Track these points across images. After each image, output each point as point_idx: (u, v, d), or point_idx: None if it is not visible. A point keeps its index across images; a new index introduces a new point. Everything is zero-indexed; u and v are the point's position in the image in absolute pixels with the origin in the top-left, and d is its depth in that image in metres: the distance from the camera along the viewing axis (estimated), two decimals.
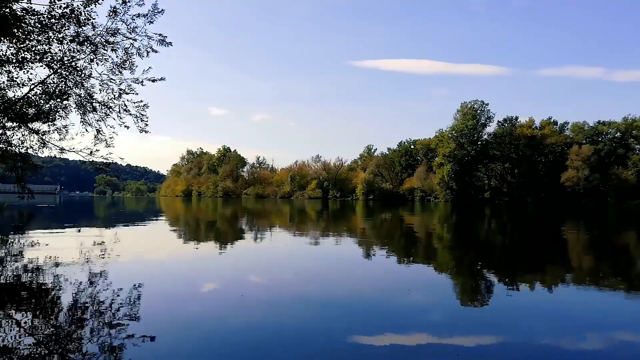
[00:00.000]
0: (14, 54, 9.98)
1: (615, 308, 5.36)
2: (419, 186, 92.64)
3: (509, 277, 7.35)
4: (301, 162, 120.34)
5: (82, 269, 7.03)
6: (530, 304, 5.50)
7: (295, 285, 6.54)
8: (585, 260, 9.68)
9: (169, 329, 4.23)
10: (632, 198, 74.41)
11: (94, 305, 4.87)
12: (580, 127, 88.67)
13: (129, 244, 11.18)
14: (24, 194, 12.23)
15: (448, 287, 6.58)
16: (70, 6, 9.84)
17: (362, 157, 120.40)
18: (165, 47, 11.04)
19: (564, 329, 4.47)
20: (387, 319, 4.66)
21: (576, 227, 19.90)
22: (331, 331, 4.25)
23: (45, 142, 11.48)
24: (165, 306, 5.04)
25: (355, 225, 20.05)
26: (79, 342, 3.75)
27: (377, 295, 5.83)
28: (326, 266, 8.32)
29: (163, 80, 11.34)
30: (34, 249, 9.36)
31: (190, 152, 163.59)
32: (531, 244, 13.04)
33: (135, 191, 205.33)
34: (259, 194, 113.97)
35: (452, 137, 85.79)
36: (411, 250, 10.92)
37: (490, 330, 4.38)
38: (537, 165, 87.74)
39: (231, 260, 9.00)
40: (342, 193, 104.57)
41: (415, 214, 31.61)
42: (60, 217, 24.70)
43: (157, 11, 10.53)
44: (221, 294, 5.82)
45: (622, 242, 13.88)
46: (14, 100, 10.66)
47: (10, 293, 5.43)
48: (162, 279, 6.69)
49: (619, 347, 4.01)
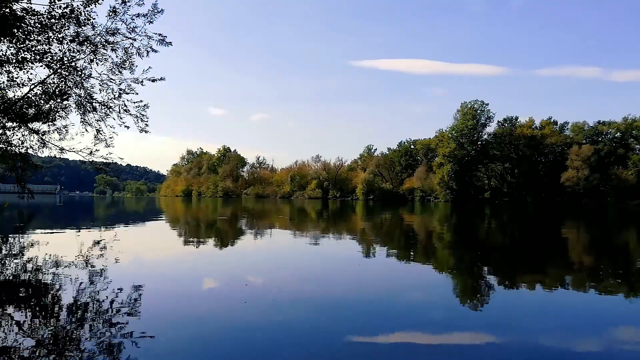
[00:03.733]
0: (14, 54, 9.99)
1: (615, 308, 5.36)
2: (419, 186, 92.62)
3: (508, 276, 7.36)
4: (301, 162, 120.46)
5: (82, 268, 7.03)
6: (530, 303, 5.51)
7: (295, 284, 6.54)
8: (584, 260, 9.68)
9: (169, 328, 4.24)
10: (632, 198, 74.37)
11: (94, 305, 4.88)
12: (580, 127, 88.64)
13: (128, 244, 11.18)
14: (24, 194, 12.24)
15: (448, 287, 6.58)
16: (70, 6, 9.86)
17: (362, 157, 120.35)
18: (165, 46, 11.07)
19: (564, 328, 4.47)
20: (387, 318, 4.66)
21: (576, 227, 19.91)
22: (331, 331, 4.25)
23: (45, 142, 11.49)
24: (165, 306, 5.05)
25: (355, 225, 20.06)
26: (79, 341, 3.75)
27: (377, 294, 5.83)
28: (326, 266, 8.33)
29: (163, 80, 11.36)
30: (34, 249, 9.36)
31: (190, 152, 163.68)
32: (531, 243, 13.04)
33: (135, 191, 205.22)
34: (259, 194, 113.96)
35: (452, 137, 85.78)
36: (411, 249, 10.92)
37: (490, 330, 4.38)
38: (537, 165, 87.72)
39: (231, 260, 9.01)
40: (342, 193, 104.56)
41: (415, 214, 31.61)
42: (60, 217, 24.71)
43: (157, 11, 10.55)
44: (221, 294, 5.82)
45: (621, 242, 13.89)
46: (14, 100, 10.66)
47: (10, 292, 5.43)
48: (161, 279, 6.69)
49: (619, 347, 4.01)
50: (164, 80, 11.39)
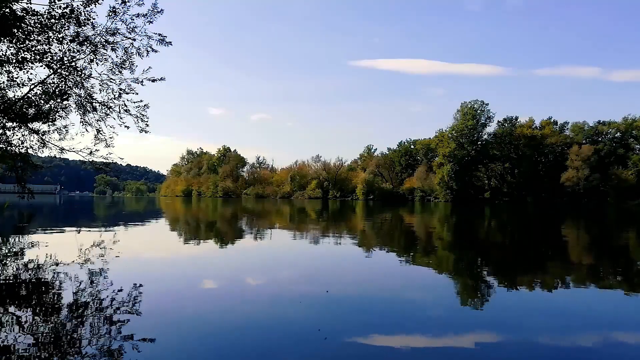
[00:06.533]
0: (14, 54, 9.99)
1: (615, 308, 5.36)
2: (419, 186, 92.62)
3: (508, 276, 7.36)
4: (301, 162, 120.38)
5: (82, 268, 7.03)
6: (530, 303, 5.51)
7: (295, 284, 6.54)
8: (585, 259, 9.68)
9: (169, 328, 4.23)
10: (632, 198, 74.42)
11: (94, 305, 4.88)
12: (580, 127, 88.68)
13: (128, 244, 11.18)
14: (24, 194, 12.24)
15: (447, 287, 6.57)
16: (70, 6, 9.86)
17: (362, 157, 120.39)
18: (165, 46, 11.06)
19: (564, 328, 4.47)
20: (387, 318, 4.66)
21: (576, 227, 19.90)
22: (332, 331, 4.25)
23: (45, 142, 11.49)
24: (165, 306, 5.04)
25: (355, 225, 20.05)
26: (79, 341, 3.75)
27: (377, 295, 5.83)
28: (326, 266, 8.32)
29: (163, 80, 11.36)
30: (35, 249, 9.36)
31: (190, 152, 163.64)
32: (531, 243, 13.04)
33: (135, 191, 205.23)
34: (259, 194, 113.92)
35: (452, 137, 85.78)
36: (411, 250, 10.92)
37: (490, 330, 4.38)
38: (537, 165, 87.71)
39: (231, 260, 9.00)
40: (342, 193, 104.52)
41: (415, 214, 31.60)
42: (60, 217, 24.70)
43: (157, 11, 10.55)
44: (221, 294, 5.83)
45: (621, 242, 13.88)
46: (14, 100, 10.66)
47: (11, 292, 5.43)
48: (161, 279, 6.69)
49: (619, 347, 4.01)
50: (164, 80, 11.39)
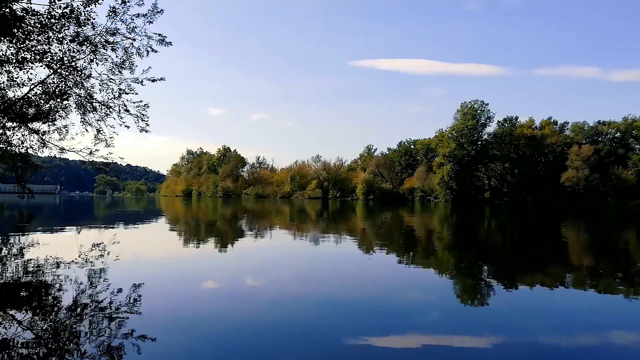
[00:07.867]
0: (14, 54, 9.98)
1: (615, 308, 5.36)
2: (419, 186, 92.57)
3: (508, 276, 7.36)
4: (301, 162, 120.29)
5: (82, 268, 7.03)
6: (530, 303, 5.51)
7: (295, 285, 6.54)
8: (585, 259, 9.69)
9: (169, 328, 4.24)
10: (632, 198, 74.38)
11: (94, 305, 4.88)
12: (580, 127, 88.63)
13: (128, 244, 11.18)
14: (24, 194, 12.24)
15: (447, 287, 6.58)
16: (70, 6, 9.85)
17: (362, 157, 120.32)
18: (165, 46, 11.05)
19: (564, 328, 4.47)
20: (387, 318, 4.66)
21: (576, 227, 19.90)
22: (332, 331, 4.25)
23: (45, 142, 11.49)
24: (165, 306, 5.05)
25: (355, 225, 20.05)
26: (79, 342, 3.75)
27: (377, 295, 5.83)
28: (326, 266, 8.33)
29: (163, 80, 11.36)
30: (34, 249, 9.36)
31: (190, 152, 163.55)
32: (531, 244, 13.04)
33: (135, 191, 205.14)
34: (259, 194, 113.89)
35: (452, 137, 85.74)
36: (411, 250, 10.92)
37: (490, 330, 4.38)
38: (537, 165, 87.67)
39: (231, 260, 9.00)
40: (342, 193, 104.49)
41: (415, 214, 31.60)
42: (60, 217, 24.70)
43: (157, 11, 10.54)
44: (221, 294, 5.83)
45: (621, 242, 13.88)
46: (14, 100, 10.66)
47: (11, 292, 5.43)
48: (161, 279, 6.69)
49: (619, 347, 4.01)
50: (163, 80, 11.39)
